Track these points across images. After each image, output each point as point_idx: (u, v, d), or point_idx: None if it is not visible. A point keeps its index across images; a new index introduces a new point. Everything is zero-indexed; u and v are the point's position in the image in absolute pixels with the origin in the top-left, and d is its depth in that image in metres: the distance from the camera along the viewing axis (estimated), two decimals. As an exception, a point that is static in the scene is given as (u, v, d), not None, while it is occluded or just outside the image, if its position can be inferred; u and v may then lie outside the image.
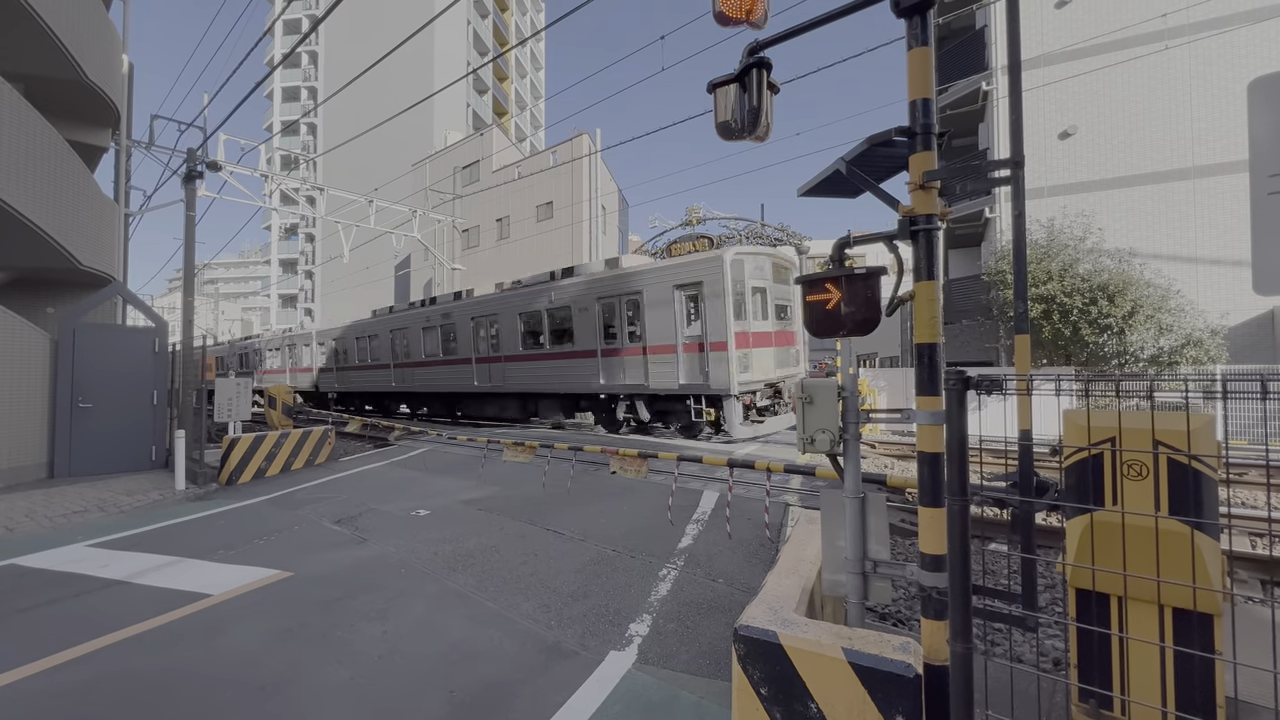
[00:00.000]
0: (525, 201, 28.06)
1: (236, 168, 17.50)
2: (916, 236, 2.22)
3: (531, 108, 56.34)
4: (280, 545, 5.44)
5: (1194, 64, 13.22)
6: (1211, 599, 2.16)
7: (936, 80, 2.21)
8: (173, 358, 10.01)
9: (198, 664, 3.24)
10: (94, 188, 11.33)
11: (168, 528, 6.17)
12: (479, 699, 2.85)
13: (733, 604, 3.88)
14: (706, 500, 6.43)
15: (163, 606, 4.02)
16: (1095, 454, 2.33)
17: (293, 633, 3.59)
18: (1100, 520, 2.32)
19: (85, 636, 3.58)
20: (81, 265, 10.48)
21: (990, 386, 1.51)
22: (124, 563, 5.01)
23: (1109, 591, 2.34)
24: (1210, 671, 2.20)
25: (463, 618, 3.77)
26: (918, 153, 2.20)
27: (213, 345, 26.99)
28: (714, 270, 10.20)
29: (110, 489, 7.96)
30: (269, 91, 52.95)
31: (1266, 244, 1.26)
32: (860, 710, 1.77)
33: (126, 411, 9.33)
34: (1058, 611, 3.81)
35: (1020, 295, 2.44)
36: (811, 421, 2.35)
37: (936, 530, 2.04)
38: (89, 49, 10.63)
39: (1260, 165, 1.31)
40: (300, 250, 54.24)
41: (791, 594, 2.35)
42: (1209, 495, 2.15)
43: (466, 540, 5.39)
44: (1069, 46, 14.34)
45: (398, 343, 18.21)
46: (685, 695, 2.85)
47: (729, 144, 60.33)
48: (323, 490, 7.85)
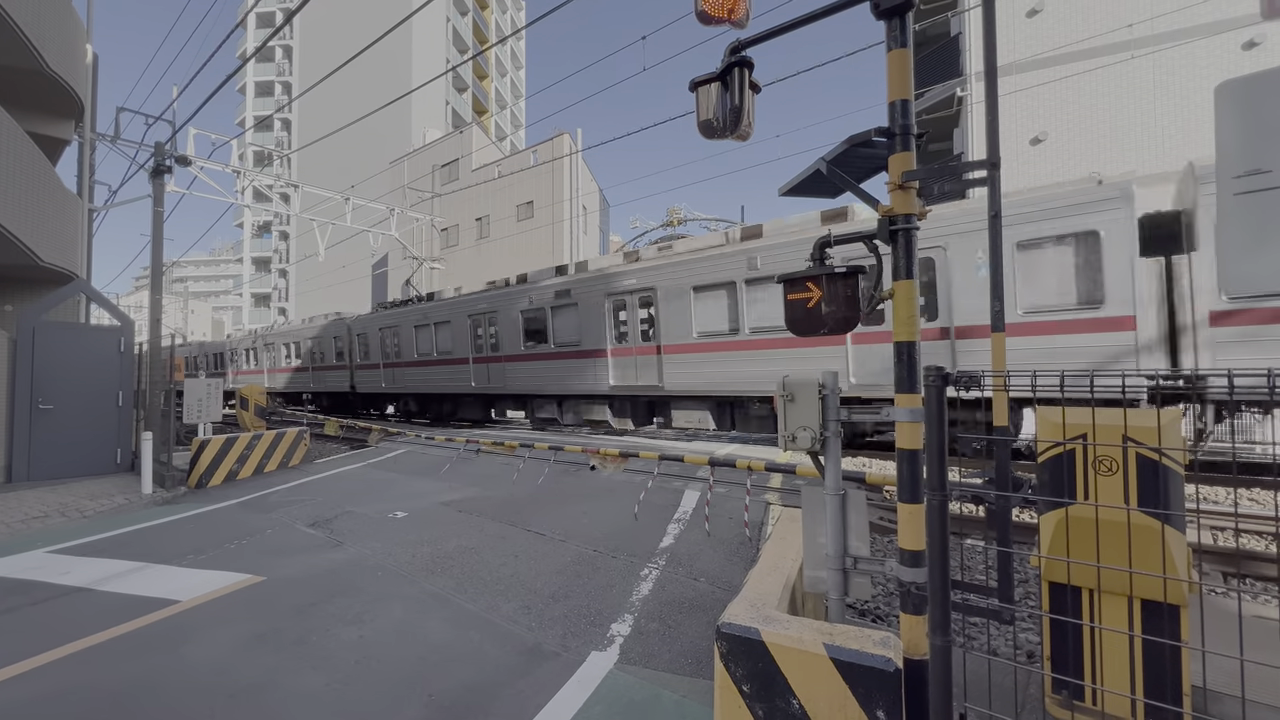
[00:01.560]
0: (505, 201, 27.86)
1: (207, 163, 17.04)
2: (896, 236, 2.24)
3: (512, 107, 55.98)
4: (252, 549, 5.30)
5: (1157, 74, 13.66)
6: (1179, 590, 2.22)
7: (915, 86, 2.23)
8: (139, 358, 9.71)
9: (165, 672, 3.14)
10: (56, 181, 10.94)
11: (133, 532, 5.98)
12: (459, 701, 2.80)
13: (714, 602, 3.88)
14: (688, 500, 6.43)
15: (128, 614, 3.88)
16: (1068, 450, 2.38)
17: (266, 639, 3.50)
18: (1073, 515, 2.37)
19: (44, 646, 3.44)
20: (42, 262, 10.10)
21: (969, 383, 1.53)
22: (87, 569, 4.84)
23: (1081, 585, 2.40)
24: (1178, 661, 2.26)
25: (442, 620, 3.71)
26: (897, 153, 2.22)
27: (181, 345, 26.40)
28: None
29: (73, 493, 7.69)
30: (241, 86, 51.75)
31: (1233, 245, 1.30)
32: (841, 705, 1.78)
33: (90, 413, 9.02)
34: (1032, 606, 3.89)
35: (996, 295, 2.49)
36: (793, 419, 2.36)
37: (916, 526, 2.06)
38: (51, 38, 10.26)
39: (1226, 168, 1.34)
40: (274, 248, 53.09)
41: (773, 591, 2.36)
42: (1175, 489, 2.21)
43: (445, 542, 5.32)
44: (1039, 55, 14.72)
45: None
46: (667, 695, 2.85)
47: (710, 145, 58.84)
48: (297, 493, 7.68)
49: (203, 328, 64.07)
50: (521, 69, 61.34)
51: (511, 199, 27.63)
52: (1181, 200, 7.06)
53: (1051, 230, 7.00)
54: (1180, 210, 7.01)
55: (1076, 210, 6.85)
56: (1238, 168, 1.32)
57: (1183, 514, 2.23)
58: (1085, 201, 6.81)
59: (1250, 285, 1.27)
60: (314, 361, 20.69)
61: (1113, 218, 6.62)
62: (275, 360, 22.83)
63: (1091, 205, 6.76)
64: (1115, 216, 6.61)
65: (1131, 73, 13.88)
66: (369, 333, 18.04)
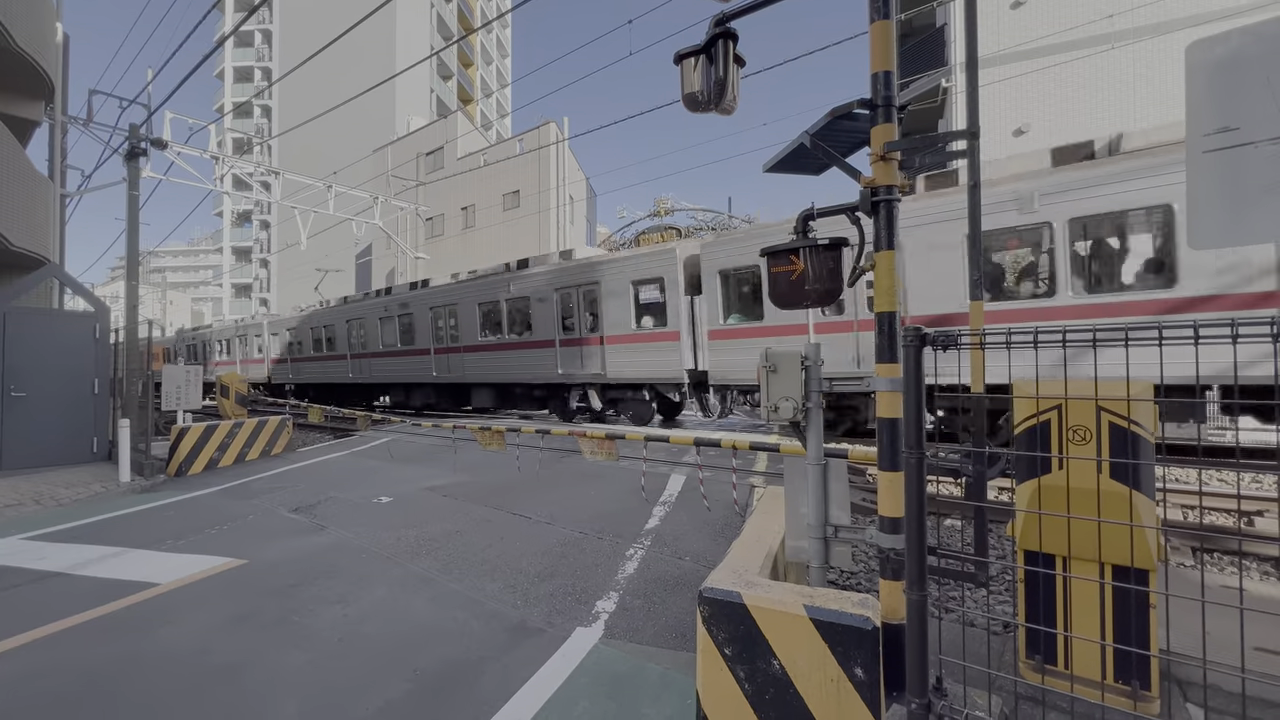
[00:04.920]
0: (491, 190, 27.59)
1: (184, 148, 16.65)
2: (877, 207, 2.26)
3: (497, 95, 55.33)
4: (234, 534, 5.24)
5: (1136, 66, 13.85)
6: (1147, 555, 2.28)
7: (899, 76, 2.24)
8: (116, 346, 9.51)
9: (144, 652, 3.10)
10: (25, 163, 10.65)
11: (111, 519, 5.88)
12: (444, 676, 2.81)
13: (699, 580, 3.88)
14: (674, 483, 6.47)
15: (105, 597, 3.83)
16: (1043, 421, 2.43)
17: (247, 619, 3.47)
18: (1046, 484, 2.42)
19: (18, 629, 3.38)
20: (12, 245, 9.85)
21: (946, 342, 1.55)
22: (63, 555, 4.76)
23: (1054, 552, 2.45)
24: (1145, 625, 2.33)
25: (427, 600, 3.71)
26: (879, 124, 2.24)
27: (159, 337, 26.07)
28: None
29: (47, 482, 7.54)
30: (219, 71, 50.55)
31: (1201, 200, 1.33)
32: (820, 664, 1.81)
33: (65, 401, 8.83)
34: (1008, 580, 3.98)
35: (975, 263, 2.52)
36: (775, 390, 2.38)
37: (895, 494, 2.09)
38: (18, 14, 9.94)
39: (1196, 126, 1.37)
40: (254, 238, 52.15)
41: (755, 560, 2.38)
42: (1145, 456, 2.27)
43: (430, 526, 5.30)
44: (1022, 44, 14.85)
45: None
46: (652, 667, 2.87)
47: (697, 134, 58.33)
48: (280, 480, 7.60)
49: (182, 319, 62.84)
50: (508, 57, 60.61)
51: (497, 188, 27.37)
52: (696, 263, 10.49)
53: (648, 275, 10.86)
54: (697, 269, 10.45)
55: (658, 263, 10.70)
56: (1207, 125, 1.35)
57: (1151, 480, 2.29)
58: (660, 256, 10.74)
59: (1218, 239, 1.30)
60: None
61: (672, 268, 10.52)
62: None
63: (664, 260, 10.63)
64: (672, 268, 10.52)
65: (1112, 65, 14.06)
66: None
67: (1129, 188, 6.65)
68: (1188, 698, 2.43)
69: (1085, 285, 7.08)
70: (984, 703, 2.33)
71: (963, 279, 7.53)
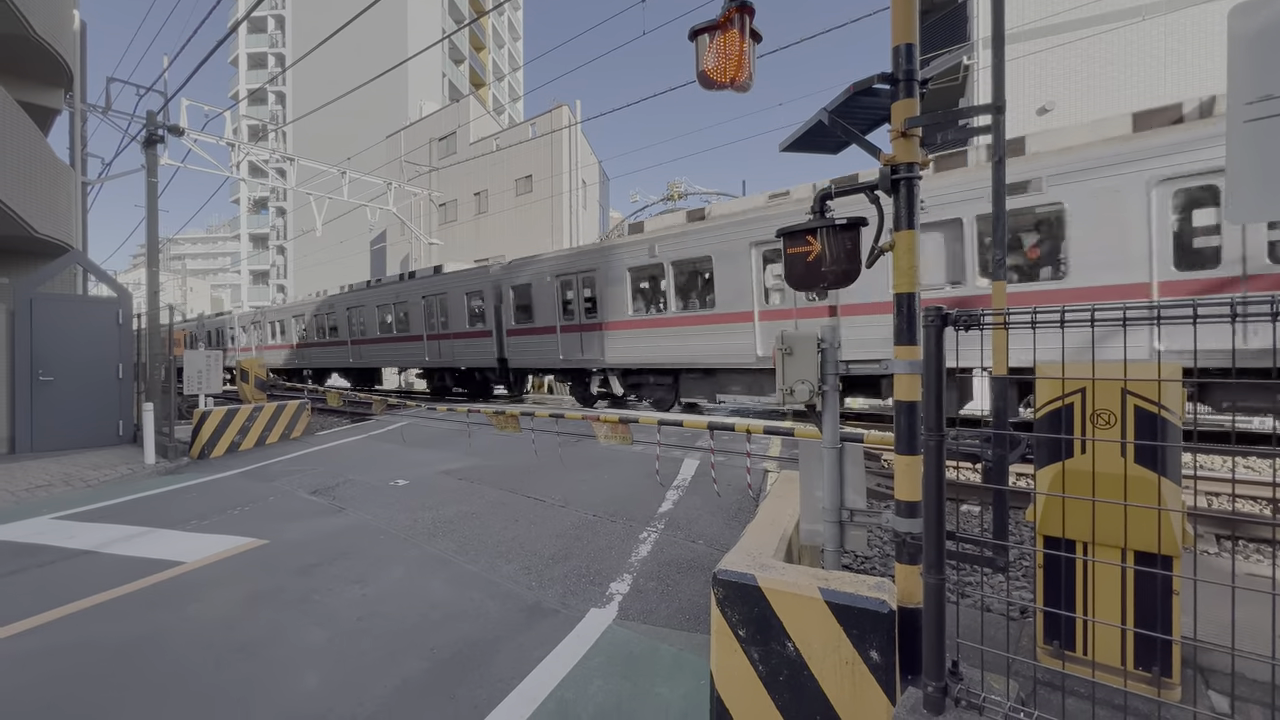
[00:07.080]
0: (504, 175, 27.50)
1: (201, 135, 16.80)
2: (898, 185, 2.20)
3: (510, 78, 54.93)
4: (255, 515, 5.35)
5: (1169, 40, 13.34)
6: (1173, 542, 2.23)
7: (920, 52, 2.16)
8: (138, 331, 9.69)
9: (170, 628, 3.19)
10: (48, 151, 10.79)
11: (137, 500, 6.03)
12: (460, 655, 2.85)
13: (712, 563, 3.91)
14: (687, 468, 6.47)
15: (133, 574, 3.94)
16: (1067, 404, 2.38)
17: (270, 597, 3.55)
18: (1070, 468, 2.38)
19: (50, 605, 3.49)
20: (37, 233, 10.02)
21: (968, 322, 1.52)
22: (91, 534, 4.89)
23: (1076, 537, 2.41)
24: (1169, 611, 2.29)
25: (443, 581, 3.76)
26: (900, 100, 2.17)
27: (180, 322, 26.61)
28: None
29: (76, 463, 7.75)
30: (233, 58, 50.74)
31: (1241, 172, 1.27)
32: (835, 647, 1.81)
33: (90, 385, 9.04)
34: (1026, 566, 3.94)
35: (999, 243, 2.46)
36: (791, 372, 2.35)
37: (912, 477, 2.06)
38: (37, 3, 10.01)
39: (1238, 94, 1.30)
40: (271, 225, 52.64)
41: (770, 543, 2.37)
42: (1173, 441, 2.21)
43: (446, 508, 5.36)
44: (1048, 17, 14.36)
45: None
46: (665, 648, 2.89)
47: (711, 116, 57.22)
48: (299, 463, 7.73)
49: (202, 305, 63.87)
50: (519, 40, 60.06)
51: (510, 173, 27.26)
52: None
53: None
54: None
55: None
56: (1249, 94, 1.28)
57: (1179, 465, 2.23)
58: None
59: (1258, 213, 1.24)
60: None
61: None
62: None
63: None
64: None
65: (1142, 38, 13.55)
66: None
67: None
68: (1210, 685, 2.40)
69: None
70: (1001, 687, 2.31)
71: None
